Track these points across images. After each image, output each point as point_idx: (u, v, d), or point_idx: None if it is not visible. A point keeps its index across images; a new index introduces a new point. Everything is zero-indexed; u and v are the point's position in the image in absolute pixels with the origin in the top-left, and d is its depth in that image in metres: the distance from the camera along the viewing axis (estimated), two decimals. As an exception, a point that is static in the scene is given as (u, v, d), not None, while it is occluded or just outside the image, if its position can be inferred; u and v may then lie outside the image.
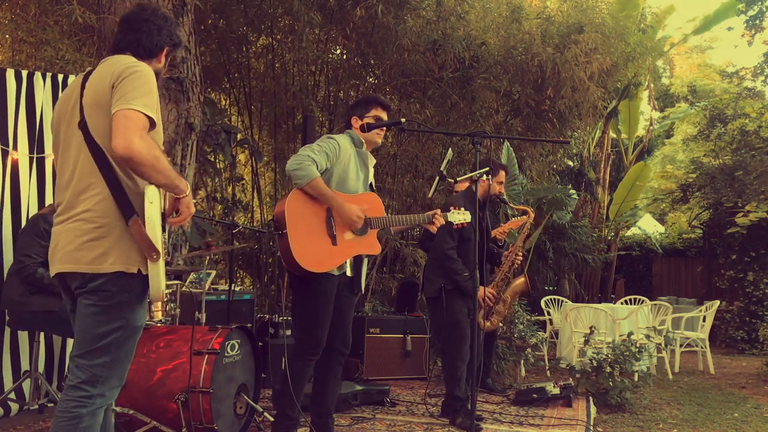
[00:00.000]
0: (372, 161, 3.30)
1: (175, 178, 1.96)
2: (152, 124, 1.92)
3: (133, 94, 1.88)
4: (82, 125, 1.96)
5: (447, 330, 4.09)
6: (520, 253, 4.19)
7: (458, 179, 3.98)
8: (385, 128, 3.29)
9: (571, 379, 4.84)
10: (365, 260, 3.25)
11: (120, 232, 1.93)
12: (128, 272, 1.92)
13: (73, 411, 1.90)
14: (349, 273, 3.13)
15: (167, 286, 3.89)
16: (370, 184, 3.32)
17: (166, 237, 2.00)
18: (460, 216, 3.40)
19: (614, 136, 12.70)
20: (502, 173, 4.27)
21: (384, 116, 3.25)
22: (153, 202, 1.92)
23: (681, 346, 7.22)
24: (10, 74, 3.93)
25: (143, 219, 1.91)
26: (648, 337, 5.68)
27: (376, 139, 3.26)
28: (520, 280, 4.17)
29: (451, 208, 3.46)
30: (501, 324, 5.74)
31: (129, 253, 1.93)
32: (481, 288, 4.00)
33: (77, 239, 1.93)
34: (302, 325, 3.08)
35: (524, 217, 4.50)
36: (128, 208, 1.92)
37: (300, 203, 2.95)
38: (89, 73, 2.05)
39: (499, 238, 4.28)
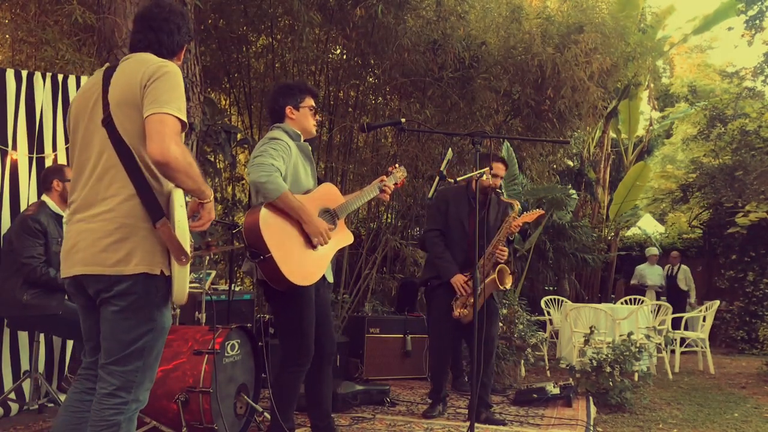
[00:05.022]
0: (309, 149, 3.16)
1: (202, 183, 1.95)
2: (183, 127, 1.91)
3: (166, 97, 1.86)
4: (107, 123, 1.92)
5: (427, 325, 4.14)
6: (504, 249, 4.02)
7: (458, 179, 3.96)
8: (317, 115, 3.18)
9: (571, 379, 4.85)
10: None
11: (144, 233, 1.90)
12: (152, 273, 1.90)
13: (110, 419, 1.88)
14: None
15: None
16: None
17: (193, 240, 1.98)
18: (399, 174, 3.36)
19: (614, 136, 12.70)
20: (498, 165, 4.12)
21: (313, 105, 3.13)
22: (182, 205, 1.91)
23: (681, 346, 7.23)
24: (10, 74, 3.93)
25: (173, 222, 1.89)
26: (648, 337, 5.68)
27: (312, 128, 3.14)
28: (491, 278, 3.96)
29: (389, 168, 3.38)
30: (501, 324, 5.75)
31: (153, 254, 1.90)
32: (458, 276, 3.99)
33: (100, 241, 1.89)
34: (290, 338, 2.97)
35: (537, 210, 4.41)
36: (156, 210, 1.90)
37: (272, 219, 2.78)
38: (110, 69, 2.02)
39: (513, 231, 4.17)
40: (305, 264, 2.87)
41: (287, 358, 2.99)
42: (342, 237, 3.15)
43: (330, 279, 3.19)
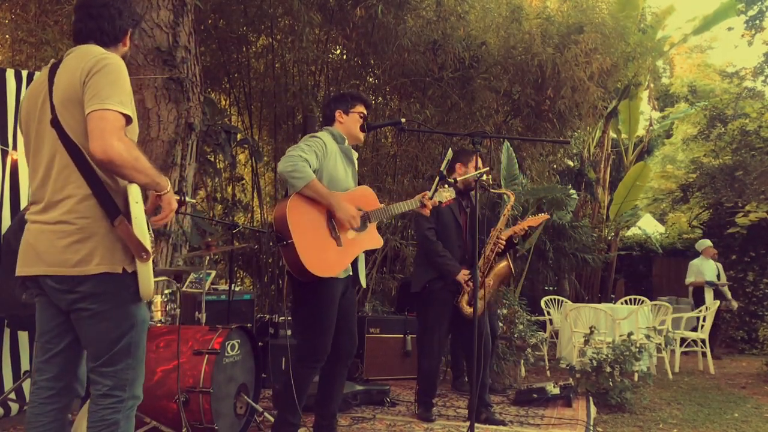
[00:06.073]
0: (355, 155, 3.24)
1: (156, 176, 1.91)
2: (128, 121, 1.86)
3: (106, 92, 1.82)
4: (55, 123, 1.89)
5: (422, 327, 4.15)
6: (503, 236, 4.05)
7: (458, 179, 3.96)
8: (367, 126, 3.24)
9: (571, 379, 4.84)
10: (362, 254, 3.21)
11: (104, 231, 1.87)
12: (113, 272, 1.88)
13: (108, 418, 1.88)
14: (350, 272, 3.11)
15: (167, 286, 3.90)
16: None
17: (153, 235, 1.97)
18: (446, 194, 3.40)
19: (614, 136, 12.68)
20: (475, 158, 4.18)
21: (364, 113, 3.21)
22: (138, 201, 1.88)
23: (681, 346, 7.22)
24: (10, 74, 3.93)
25: (130, 219, 1.86)
26: (648, 337, 5.68)
27: (360, 135, 3.22)
28: (503, 264, 4.04)
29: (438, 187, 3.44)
30: (501, 324, 5.76)
31: (113, 252, 1.88)
32: (462, 271, 3.98)
33: (60, 241, 1.87)
34: (308, 333, 3.00)
35: (542, 215, 4.42)
36: (113, 208, 1.87)
37: (300, 208, 2.86)
38: (55, 65, 1.97)
39: (518, 234, 4.20)
40: (326, 256, 2.90)
41: (304, 354, 3.00)
42: (371, 239, 3.17)
43: (363, 283, 3.21)
